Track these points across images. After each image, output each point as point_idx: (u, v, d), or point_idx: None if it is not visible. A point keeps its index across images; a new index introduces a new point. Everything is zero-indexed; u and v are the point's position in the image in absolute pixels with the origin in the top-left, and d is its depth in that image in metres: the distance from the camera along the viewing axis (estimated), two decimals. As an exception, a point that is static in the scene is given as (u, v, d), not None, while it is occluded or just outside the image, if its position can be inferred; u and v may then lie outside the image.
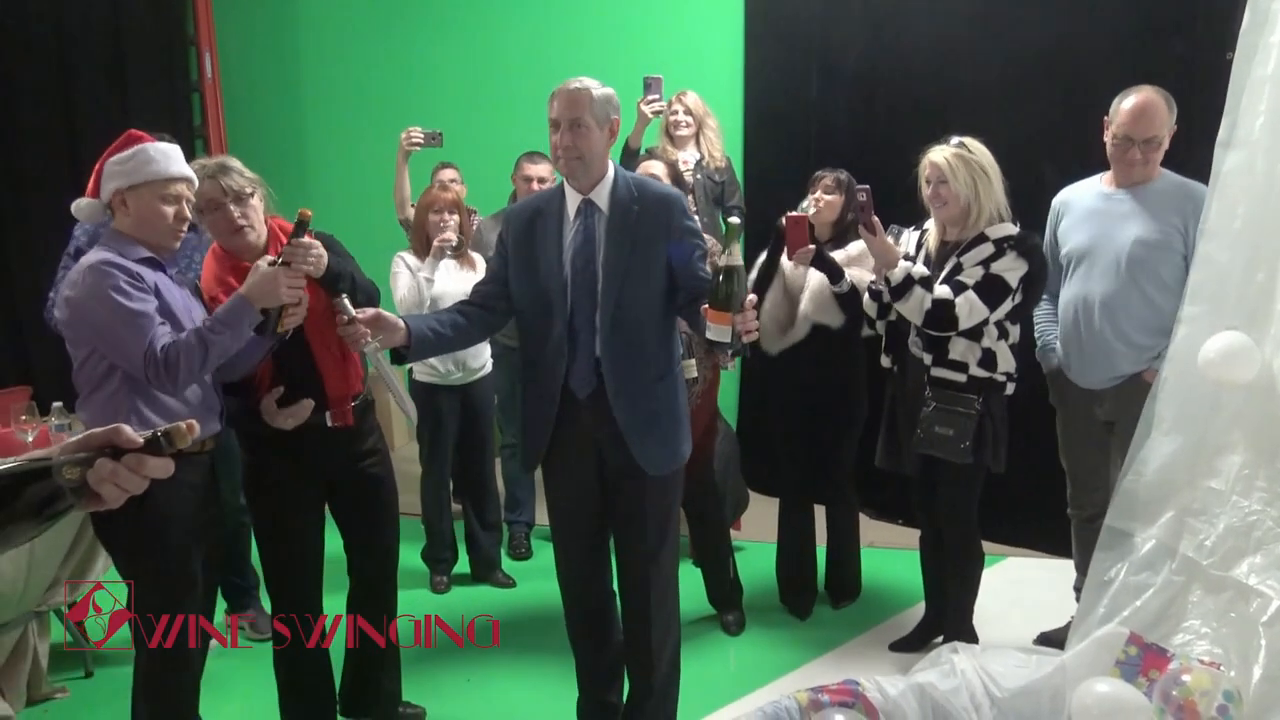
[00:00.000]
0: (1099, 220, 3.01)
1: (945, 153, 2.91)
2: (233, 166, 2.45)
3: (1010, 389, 3.00)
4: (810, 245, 3.09)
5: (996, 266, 2.88)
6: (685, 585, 2.71)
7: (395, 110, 5.17)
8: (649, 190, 2.48)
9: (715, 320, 2.14)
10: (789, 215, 3.07)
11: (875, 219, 2.88)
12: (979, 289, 2.87)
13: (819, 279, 3.28)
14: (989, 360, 2.95)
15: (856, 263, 3.25)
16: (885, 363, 3.21)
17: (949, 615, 3.19)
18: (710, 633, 3.51)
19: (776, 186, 4.25)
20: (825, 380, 3.41)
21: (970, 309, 2.86)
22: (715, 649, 3.42)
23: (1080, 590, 3.00)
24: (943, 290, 2.89)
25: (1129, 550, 2.71)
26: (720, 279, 2.13)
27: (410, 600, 3.40)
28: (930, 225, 3.08)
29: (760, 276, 3.39)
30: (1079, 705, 2.35)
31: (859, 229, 2.96)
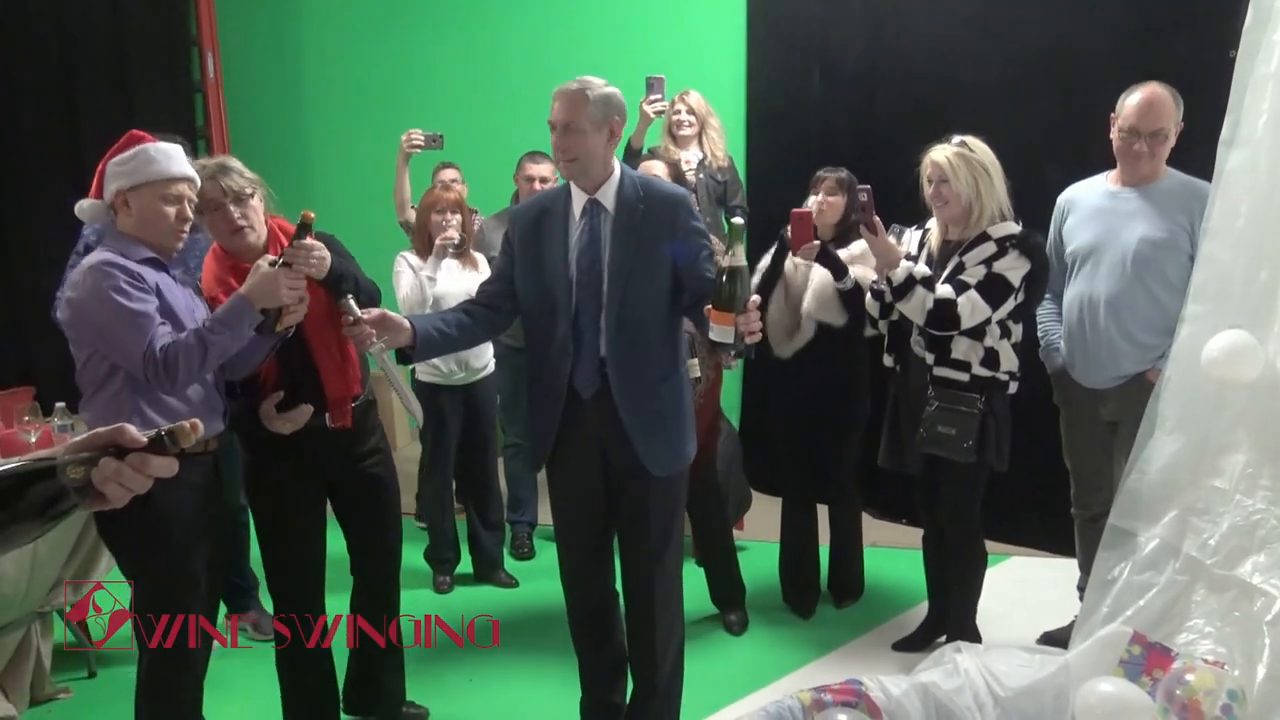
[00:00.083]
0: (1105, 219, 3.00)
1: (946, 152, 2.90)
2: (232, 167, 2.44)
3: (1013, 388, 2.99)
4: (815, 241, 3.09)
5: (999, 265, 2.88)
6: (688, 585, 2.71)
7: (396, 110, 5.18)
8: (655, 190, 2.46)
9: (718, 321, 2.14)
10: (794, 211, 3.07)
11: (877, 219, 2.87)
12: (981, 288, 2.86)
13: (821, 277, 3.28)
14: (991, 359, 2.94)
15: (859, 262, 3.25)
16: (888, 362, 3.21)
17: (952, 615, 3.19)
18: (713, 632, 3.51)
19: (778, 186, 4.24)
20: (828, 380, 3.40)
21: (972, 308, 2.86)
22: (718, 649, 3.41)
23: (1084, 589, 2.99)
24: (945, 290, 2.88)
25: (1132, 549, 2.71)
26: (723, 279, 2.13)
27: (413, 600, 3.40)
28: (932, 224, 3.08)
29: (765, 278, 3.39)
30: (1082, 705, 2.34)
31: (860, 229, 2.96)
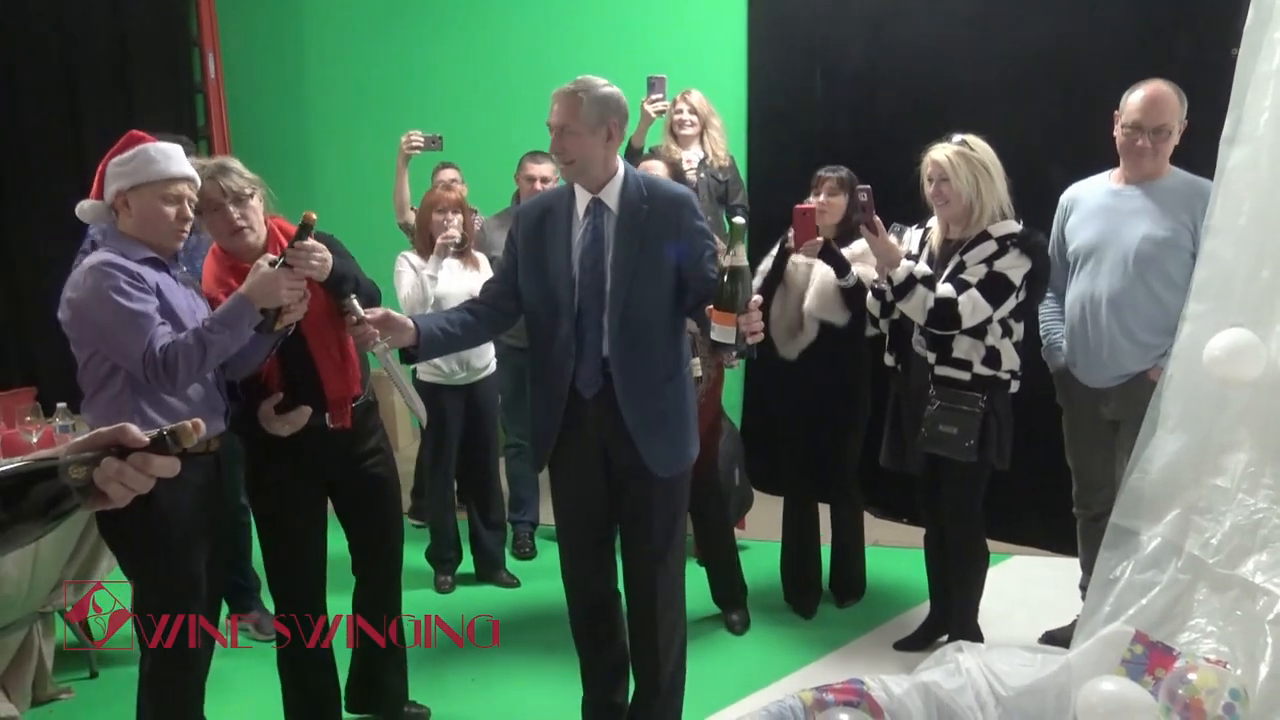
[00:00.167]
0: (1107, 217, 2.99)
1: (947, 151, 2.90)
2: (232, 167, 2.44)
3: (1014, 387, 2.99)
4: (818, 238, 3.09)
5: (1000, 264, 2.87)
6: (689, 584, 2.71)
7: (397, 110, 5.19)
8: (659, 190, 2.45)
9: (720, 321, 2.13)
10: (797, 207, 3.07)
11: (877, 218, 2.87)
12: (982, 287, 2.86)
13: (822, 276, 3.28)
14: (993, 358, 2.94)
15: (859, 261, 3.25)
16: (889, 361, 3.20)
17: (954, 614, 3.19)
18: (715, 632, 3.51)
19: (779, 186, 4.24)
20: (830, 380, 3.40)
21: (973, 307, 2.85)
22: (720, 648, 3.41)
23: (1085, 589, 2.99)
24: (945, 289, 2.88)
25: (1134, 549, 2.70)
26: (724, 279, 2.13)
27: (415, 600, 3.40)
28: (933, 224, 3.08)
29: (766, 279, 3.39)
30: (1084, 704, 2.34)
31: (861, 229, 2.96)
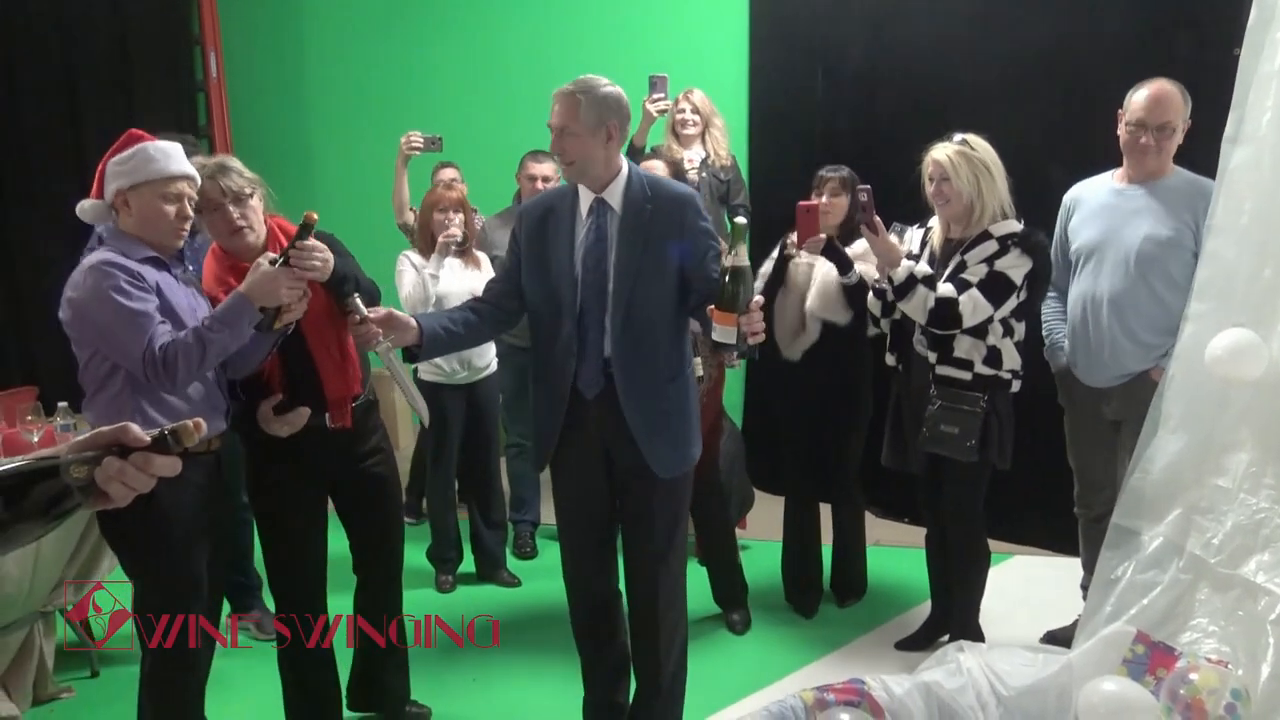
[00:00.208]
0: (1110, 216, 2.99)
1: (947, 150, 2.89)
2: (232, 167, 2.44)
3: (1016, 386, 2.99)
4: (821, 235, 3.08)
5: (1000, 264, 2.87)
6: (691, 584, 2.71)
7: (398, 109, 5.19)
8: (663, 189, 2.44)
9: (721, 321, 2.12)
10: (800, 204, 3.06)
11: (877, 218, 2.87)
12: (983, 286, 2.86)
13: (824, 276, 3.28)
14: (994, 358, 2.94)
15: (861, 260, 3.25)
16: (890, 361, 3.20)
17: (955, 614, 3.18)
18: (716, 632, 3.51)
19: (779, 186, 4.24)
20: (832, 379, 3.40)
21: (974, 307, 2.85)
22: (721, 648, 3.41)
23: (1087, 589, 2.99)
24: (946, 288, 2.88)
25: (1136, 548, 2.70)
26: (726, 280, 2.12)
27: (415, 599, 3.40)
28: (934, 223, 3.07)
29: (768, 281, 3.38)
30: (1086, 704, 2.34)
31: (861, 229, 2.96)
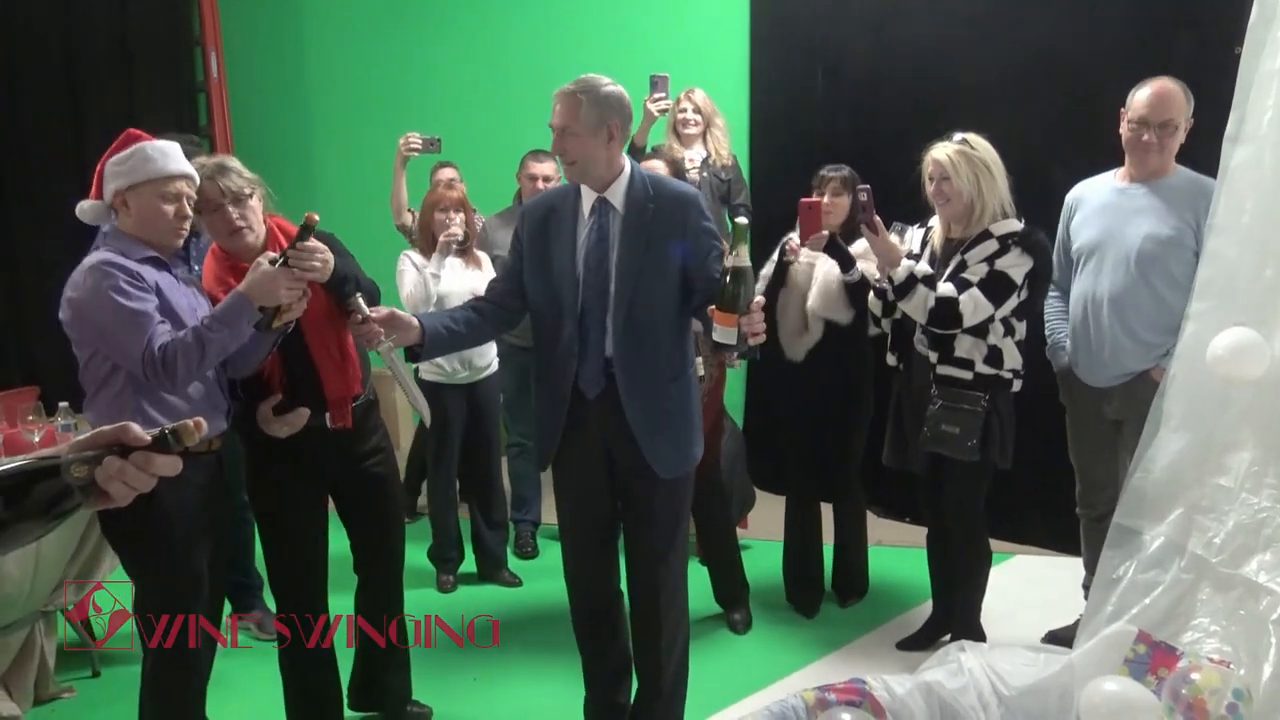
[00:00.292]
0: (1111, 215, 2.98)
1: (948, 149, 2.89)
2: (231, 167, 2.43)
3: (1017, 386, 2.99)
4: (823, 231, 3.08)
5: (1001, 263, 2.87)
6: (692, 584, 2.70)
7: (398, 109, 5.20)
8: (666, 189, 2.43)
9: (721, 321, 2.12)
10: (803, 201, 3.06)
11: (877, 218, 2.87)
12: (983, 286, 2.86)
13: (825, 274, 3.28)
14: (995, 357, 2.93)
15: (861, 260, 3.24)
16: (891, 361, 3.20)
17: (956, 613, 3.18)
18: (717, 631, 3.51)
19: (780, 186, 4.24)
20: (834, 379, 3.40)
21: (974, 306, 2.85)
22: (722, 648, 3.41)
23: (1088, 588, 2.99)
24: (946, 288, 2.88)
25: (1137, 548, 2.70)
26: (727, 280, 2.11)
27: (416, 599, 3.40)
28: (935, 223, 3.07)
29: (770, 282, 3.38)
30: (1087, 704, 2.34)
31: (861, 228, 2.96)
